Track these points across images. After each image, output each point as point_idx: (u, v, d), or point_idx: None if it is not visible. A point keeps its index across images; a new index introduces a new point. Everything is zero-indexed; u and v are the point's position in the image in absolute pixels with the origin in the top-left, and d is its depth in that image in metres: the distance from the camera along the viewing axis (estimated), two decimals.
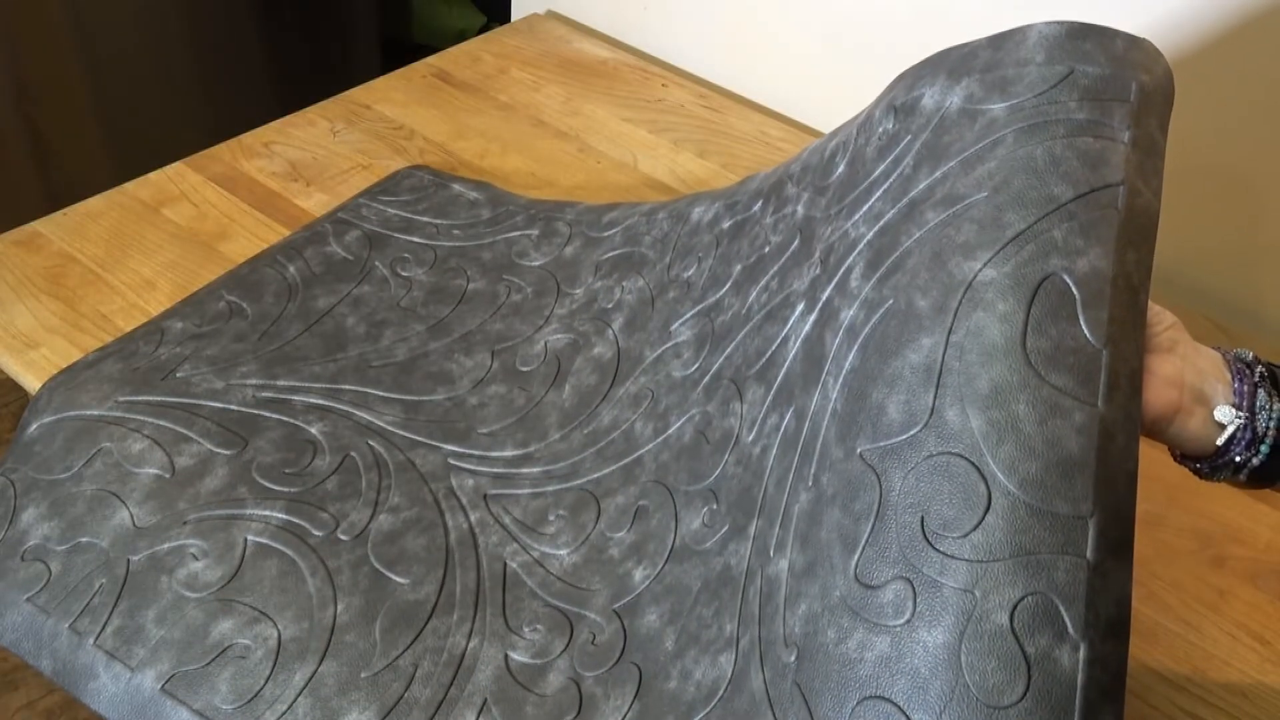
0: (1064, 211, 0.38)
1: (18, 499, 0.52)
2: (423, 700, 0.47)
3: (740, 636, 0.44)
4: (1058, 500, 0.35)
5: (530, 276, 0.66)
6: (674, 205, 0.64)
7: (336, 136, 0.82)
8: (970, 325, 0.38)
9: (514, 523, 0.54)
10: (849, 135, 0.50)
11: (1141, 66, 0.41)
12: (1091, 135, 0.40)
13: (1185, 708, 0.52)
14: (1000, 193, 0.39)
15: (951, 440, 0.37)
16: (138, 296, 0.67)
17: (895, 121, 0.46)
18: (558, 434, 0.57)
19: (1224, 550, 0.59)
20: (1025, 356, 0.36)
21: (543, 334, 0.63)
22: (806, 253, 0.49)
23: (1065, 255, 0.38)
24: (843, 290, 0.45)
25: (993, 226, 0.39)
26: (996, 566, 0.35)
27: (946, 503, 0.36)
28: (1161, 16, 0.70)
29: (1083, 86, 0.41)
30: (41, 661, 0.48)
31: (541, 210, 0.71)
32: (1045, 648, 0.34)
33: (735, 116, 0.90)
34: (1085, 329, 0.37)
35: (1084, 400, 0.36)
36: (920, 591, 0.36)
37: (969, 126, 0.42)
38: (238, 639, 0.48)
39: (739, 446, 0.49)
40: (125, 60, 1.21)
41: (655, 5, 0.96)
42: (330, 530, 0.52)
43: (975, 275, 0.38)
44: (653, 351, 0.57)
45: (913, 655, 0.35)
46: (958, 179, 0.41)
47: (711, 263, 0.57)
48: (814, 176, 0.52)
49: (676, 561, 0.49)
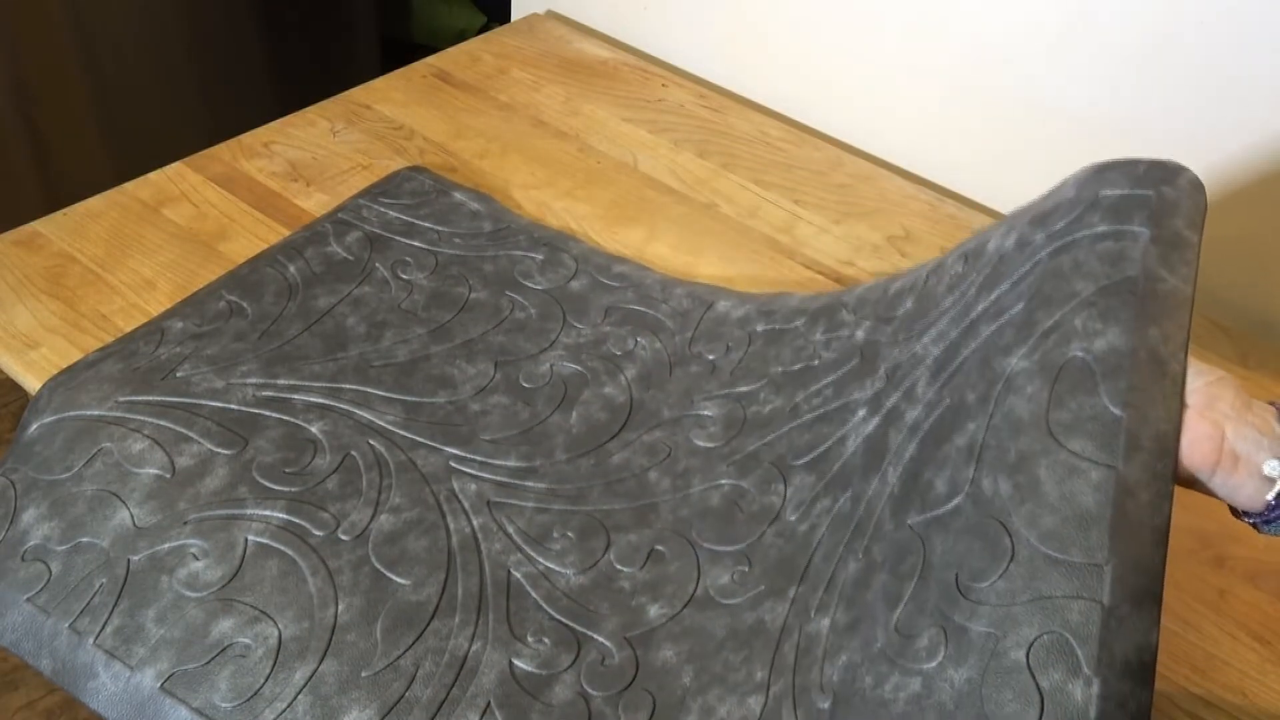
0: (1083, 302, 0.43)
1: (18, 499, 0.52)
2: (424, 700, 0.47)
3: (772, 683, 0.47)
4: (1073, 550, 0.38)
5: (534, 298, 0.67)
6: (693, 288, 0.69)
7: (336, 136, 0.82)
8: (1005, 409, 0.43)
9: (518, 533, 0.54)
10: (917, 278, 0.57)
11: (1162, 180, 0.46)
12: (1112, 240, 0.44)
13: (1185, 707, 0.52)
14: (1033, 299, 0.45)
15: (985, 505, 0.41)
16: (138, 296, 0.67)
17: (964, 265, 0.53)
18: (563, 456, 0.58)
19: (1224, 550, 0.59)
20: (1048, 428, 0.41)
21: (548, 356, 0.63)
22: (869, 370, 0.55)
23: (1085, 338, 0.42)
24: (909, 396, 0.51)
25: (1025, 326, 0.44)
26: (1016, 609, 0.38)
27: (976, 557, 0.40)
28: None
29: (1105, 206, 0.46)
30: (41, 661, 0.48)
31: (544, 237, 0.71)
32: (1058, 682, 0.36)
33: (735, 116, 0.90)
34: (1105, 398, 0.40)
35: (1100, 461, 0.39)
36: (951, 636, 0.39)
37: (1019, 257, 0.48)
38: (238, 638, 0.48)
39: (780, 522, 0.53)
40: (125, 60, 1.21)
41: (655, 5, 0.96)
42: (331, 530, 0.52)
43: (1011, 368, 0.44)
44: (671, 413, 0.60)
45: (940, 692, 0.38)
46: (1006, 297, 0.47)
47: (742, 356, 0.63)
48: (876, 309, 0.59)
49: (698, 608, 0.51)
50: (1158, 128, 0.73)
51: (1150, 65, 0.72)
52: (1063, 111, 0.77)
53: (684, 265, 0.74)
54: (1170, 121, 0.73)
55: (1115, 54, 0.73)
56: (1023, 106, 0.79)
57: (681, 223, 0.78)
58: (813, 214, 0.80)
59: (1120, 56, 0.73)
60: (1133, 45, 0.72)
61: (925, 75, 0.83)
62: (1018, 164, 0.81)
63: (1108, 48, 0.73)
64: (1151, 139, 0.74)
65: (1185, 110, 0.72)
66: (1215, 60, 0.69)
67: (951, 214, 0.81)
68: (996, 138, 0.82)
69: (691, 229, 0.77)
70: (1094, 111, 0.76)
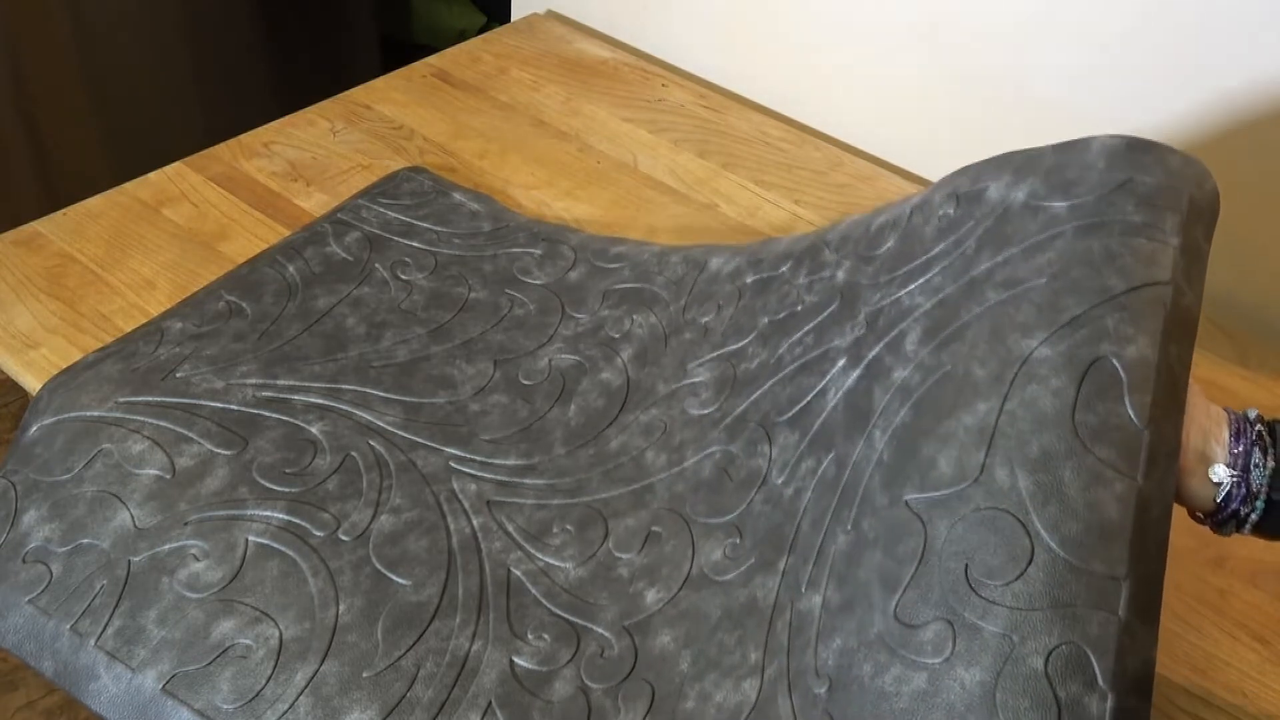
0: (1116, 302, 0.42)
1: (19, 501, 0.52)
2: (425, 700, 0.47)
3: (766, 665, 0.46)
4: (1095, 560, 0.38)
5: (533, 294, 0.66)
6: (688, 251, 0.67)
7: (336, 136, 0.82)
8: (1024, 396, 0.41)
9: (518, 530, 0.54)
10: (900, 213, 0.54)
11: (1194, 181, 0.45)
12: (1145, 237, 0.43)
13: (1185, 708, 0.52)
14: (1059, 280, 0.43)
15: (999, 497, 0.40)
16: (138, 296, 0.67)
17: (957, 208, 0.50)
18: (562, 449, 0.57)
19: (1224, 550, 0.59)
20: (1074, 428, 0.40)
21: (547, 351, 0.63)
22: (849, 314, 0.53)
23: (1116, 342, 0.41)
24: (895, 351, 0.48)
25: (1050, 309, 0.43)
26: (1035, 615, 0.37)
27: (991, 553, 0.39)
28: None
29: (1139, 194, 0.44)
30: (43, 663, 0.48)
31: (543, 231, 0.71)
32: (1076, 693, 0.36)
33: (735, 116, 0.90)
34: (1130, 410, 0.40)
35: (1124, 473, 0.39)
36: (960, 633, 0.38)
37: (1031, 219, 0.46)
38: (239, 639, 0.48)
39: (767, 486, 0.51)
40: (125, 60, 1.21)
41: (655, 5, 0.96)
42: (331, 531, 0.53)
43: (1031, 352, 0.42)
44: (666, 387, 0.59)
45: (949, 691, 0.37)
46: (1019, 264, 0.45)
47: (733, 312, 0.60)
48: (857, 246, 0.56)
49: (693, 588, 0.50)
50: (1162, 133, 0.73)
51: (1160, 69, 0.72)
52: (1064, 112, 0.77)
53: None
54: (1178, 127, 0.73)
55: (1122, 56, 0.73)
56: (1024, 107, 0.79)
57: (681, 223, 0.78)
58: (813, 214, 0.80)
59: (1129, 59, 0.73)
60: (1142, 49, 0.72)
61: (925, 75, 0.83)
62: None
63: (1114, 49, 0.73)
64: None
65: (1192, 118, 0.72)
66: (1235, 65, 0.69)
67: None
68: (997, 138, 0.82)
69: (691, 229, 0.77)
70: (1096, 113, 0.76)
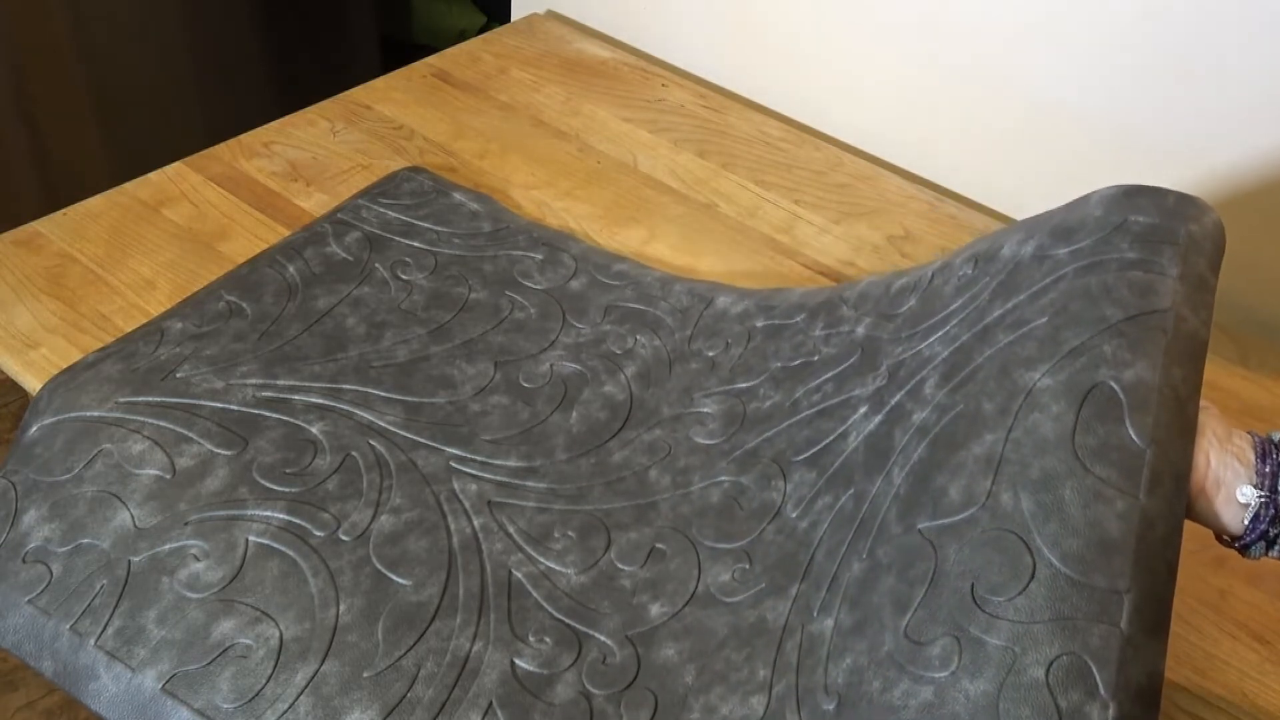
0: (1114, 330, 0.43)
1: (19, 501, 0.52)
2: (426, 700, 0.47)
3: (775, 682, 0.47)
4: (1096, 575, 0.39)
5: (534, 298, 0.67)
6: (692, 285, 0.69)
7: (336, 136, 0.82)
8: (1028, 424, 0.43)
9: (519, 533, 0.54)
10: (921, 276, 0.57)
11: (1191, 218, 0.47)
12: (1141, 270, 0.45)
13: (1185, 708, 0.52)
14: (1059, 316, 0.45)
15: (1004, 519, 0.41)
16: (138, 296, 0.67)
17: (975, 268, 0.53)
18: (564, 455, 0.58)
19: (1224, 551, 0.59)
20: (1074, 450, 0.41)
21: (548, 356, 0.63)
22: (870, 366, 0.55)
23: (1114, 366, 0.42)
24: (915, 397, 0.50)
25: (1051, 343, 0.44)
26: (1037, 628, 0.38)
27: (996, 571, 0.40)
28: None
29: (1134, 233, 0.46)
30: (43, 663, 0.48)
31: (544, 236, 0.71)
32: (1077, 703, 0.37)
33: (735, 116, 0.90)
34: (1131, 430, 0.41)
35: (1125, 491, 0.40)
36: (965, 647, 0.39)
37: (1038, 268, 0.48)
38: (239, 639, 0.48)
39: (780, 518, 0.53)
40: (125, 60, 1.21)
41: (655, 5, 0.96)
42: (332, 531, 0.53)
43: (1034, 384, 0.44)
44: (671, 410, 0.60)
45: (954, 702, 0.38)
46: (1025, 308, 0.47)
47: (742, 352, 0.62)
48: (878, 305, 0.59)
49: (699, 606, 0.51)
50: (1162, 132, 0.73)
51: (1160, 69, 0.72)
52: (1064, 112, 0.77)
53: (684, 265, 0.74)
54: (1177, 127, 0.73)
55: (1122, 57, 0.73)
56: (1024, 107, 0.79)
57: (681, 223, 0.78)
58: (813, 214, 0.80)
59: (1129, 59, 0.73)
60: (1141, 49, 0.72)
61: (926, 75, 0.83)
62: (1018, 164, 0.81)
63: (1114, 49, 0.73)
64: (1155, 143, 0.74)
65: (1192, 117, 0.72)
66: (1234, 65, 0.69)
67: (951, 214, 0.81)
68: (997, 138, 0.82)
69: (691, 229, 0.77)
70: (1096, 113, 0.76)
